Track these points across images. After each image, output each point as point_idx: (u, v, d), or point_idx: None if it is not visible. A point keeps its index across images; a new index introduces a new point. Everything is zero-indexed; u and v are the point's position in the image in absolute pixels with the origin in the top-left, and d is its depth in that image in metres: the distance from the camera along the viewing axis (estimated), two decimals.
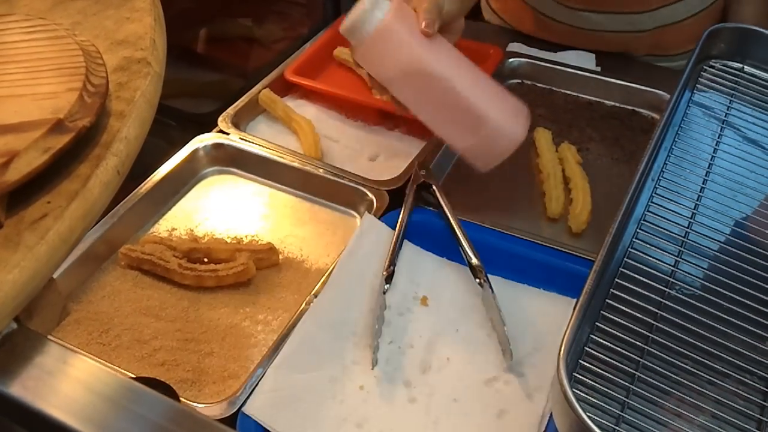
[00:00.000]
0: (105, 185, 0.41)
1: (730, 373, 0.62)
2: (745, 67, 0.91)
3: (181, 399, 0.70)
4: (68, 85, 0.42)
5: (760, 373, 0.63)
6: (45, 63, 0.44)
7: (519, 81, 1.12)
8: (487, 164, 0.82)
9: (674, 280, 0.68)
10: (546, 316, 0.80)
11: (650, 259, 0.69)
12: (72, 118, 0.41)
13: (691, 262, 0.70)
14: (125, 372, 0.73)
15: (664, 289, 0.67)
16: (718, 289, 0.67)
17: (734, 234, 0.73)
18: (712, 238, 0.72)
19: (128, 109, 0.44)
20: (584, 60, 1.13)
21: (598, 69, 1.11)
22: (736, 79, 0.89)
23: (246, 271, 0.82)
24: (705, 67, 0.90)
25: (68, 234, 0.39)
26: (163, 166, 0.94)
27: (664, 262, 0.69)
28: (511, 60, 1.12)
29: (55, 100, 0.42)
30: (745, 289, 0.67)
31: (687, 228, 0.72)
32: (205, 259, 0.84)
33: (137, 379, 0.68)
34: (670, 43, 1.14)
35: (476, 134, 0.77)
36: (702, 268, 0.69)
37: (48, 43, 0.45)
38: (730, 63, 0.91)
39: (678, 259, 0.70)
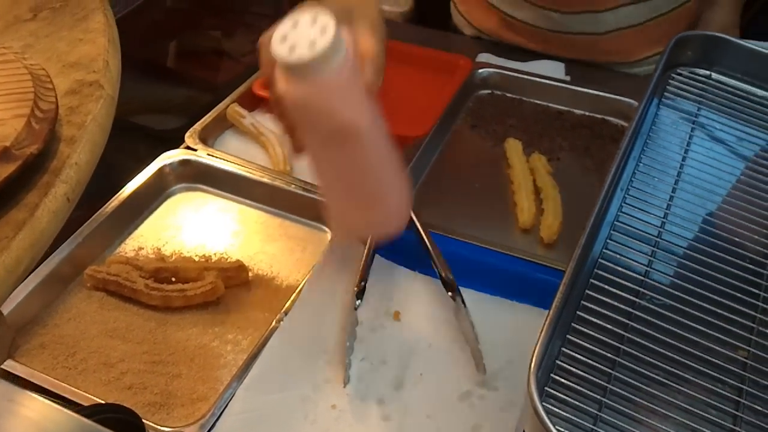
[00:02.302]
0: (54, 214, 0.40)
1: (702, 382, 0.62)
2: (713, 74, 0.91)
3: (150, 423, 0.69)
4: (15, 112, 0.41)
5: (731, 381, 0.62)
6: None
7: (489, 91, 1.12)
8: (349, 236, 0.78)
9: (644, 290, 0.68)
10: (519, 329, 0.79)
11: (620, 269, 0.69)
12: (19, 146, 0.40)
13: (660, 271, 0.70)
14: (92, 396, 0.72)
15: (635, 299, 0.67)
16: (688, 297, 0.67)
17: (705, 236, 0.73)
18: (682, 246, 0.72)
19: (79, 133, 0.42)
20: (554, 70, 1.13)
21: (568, 78, 1.11)
22: (703, 86, 0.89)
23: (214, 290, 0.81)
24: (673, 75, 0.90)
25: (15, 265, 0.38)
26: (129, 184, 0.93)
27: (635, 272, 0.69)
28: (480, 70, 1.12)
29: (1, 128, 0.40)
30: (716, 297, 0.67)
31: (657, 237, 0.72)
32: (173, 279, 0.83)
33: (102, 405, 0.67)
34: (633, 47, 1.14)
35: (366, 213, 0.69)
36: (670, 276, 0.69)
37: None
38: (698, 70, 0.91)
39: (648, 268, 0.70)
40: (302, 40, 0.56)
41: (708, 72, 0.91)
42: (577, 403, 0.59)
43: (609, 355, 0.63)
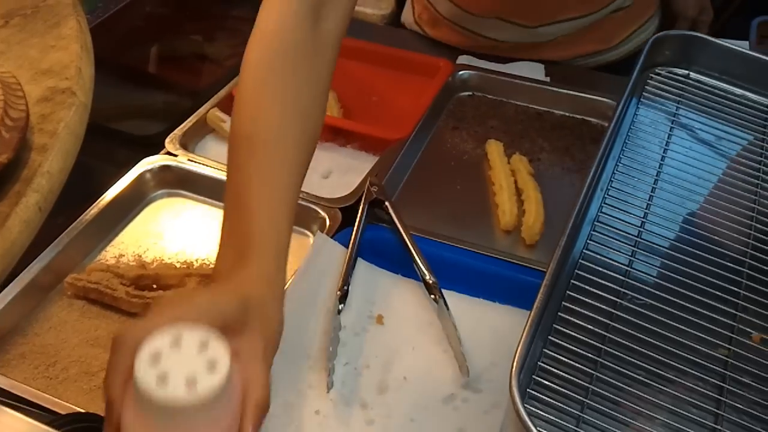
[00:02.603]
0: (26, 223, 0.39)
1: (683, 381, 0.62)
2: (691, 73, 0.92)
3: None
4: None
5: (713, 380, 0.63)
6: None
7: (470, 93, 1.12)
8: None
9: (625, 290, 0.68)
10: (502, 330, 0.79)
11: (601, 269, 0.69)
12: None
13: (641, 270, 0.70)
14: (73, 406, 0.71)
15: (616, 299, 0.67)
16: (669, 297, 0.67)
17: (685, 235, 0.73)
18: (662, 245, 0.72)
19: (51, 141, 0.42)
20: (534, 71, 1.13)
21: (547, 79, 1.12)
22: (682, 85, 0.90)
23: None
24: (651, 75, 0.91)
25: None
26: (109, 190, 0.92)
27: (616, 272, 0.69)
28: (461, 72, 1.12)
29: None
30: (697, 296, 0.67)
31: (637, 237, 0.73)
32: (154, 286, 0.83)
33: (80, 414, 0.66)
34: (611, 33, 1.15)
35: None
36: (651, 275, 0.69)
37: None
38: (676, 70, 0.92)
39: (629, 268, 0.70)
40: (180, 371, 0.41)
41: (686, 71, 0.92)
42: (559, 404, 0.59)
43: (591, 355, 0.63)
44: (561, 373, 0.62)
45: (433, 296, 0.80)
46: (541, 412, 0.58)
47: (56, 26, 0.52)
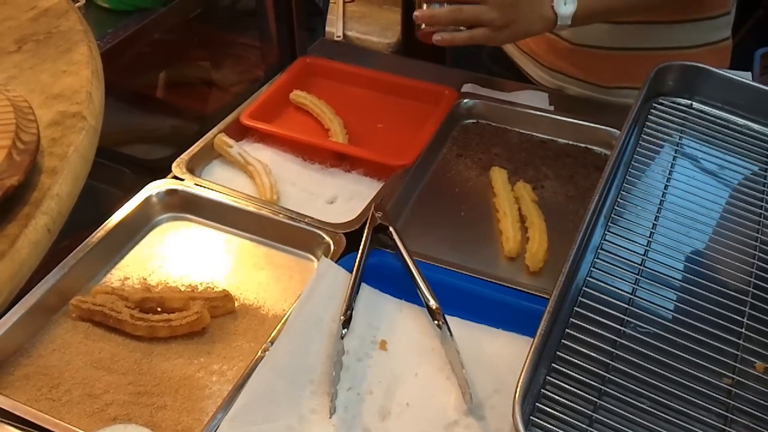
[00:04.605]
0: (34, 245, 0.39)
1: (687, 410, 0.62)
2: (694, 103, 0.93)
3: None
4: None
5: (717, 410, 0.63)
6: None
7: (474, 120, 1.13)
8: None
9: (629, 318, 0.68)
10: (505, 357, 0.79)
11: (605, 297, 0.69)
12: None
13: (645, 299, 0.70)
14: (75, 429, 0.71)
15: (620, 327, 0.67)
16: (673, 325, 0.67)
17: (689, 264, 0.73)
18: (666, 274, 0.72)
19: (60, 165, 0.43)
20: (537, 99, 1.14)
21: (551, 108, 1.12)
22: (684, 115, 0.91)
23: (200, 320, 0.80)
24: (654, 104, 0.92)
25: None
26: (115, 213, 0.93)
27: (619, 300, 0.70)
28: (465, 100, 1.13)
29: None
30: (701, 325, 0.67)
31: (641, 265, 0.73)
32: (159, 309, 0.83)
33: None
34: (601, 71, 1.15)
35: None
36: (655, 304, 0.70)
37: None
38: (679, 100, 0.93)
39: (632, 296, 0.70)
40: None
41: (689, 101, 0.93)
42: None
43: (594, 383, 0.63)
44: (564, 400, 0.62)
45: (436, 322, 0.80)
46: None
47: (68, 52, 0.53)
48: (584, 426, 0.60)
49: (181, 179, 0.98)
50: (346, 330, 0.79)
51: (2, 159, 0.40)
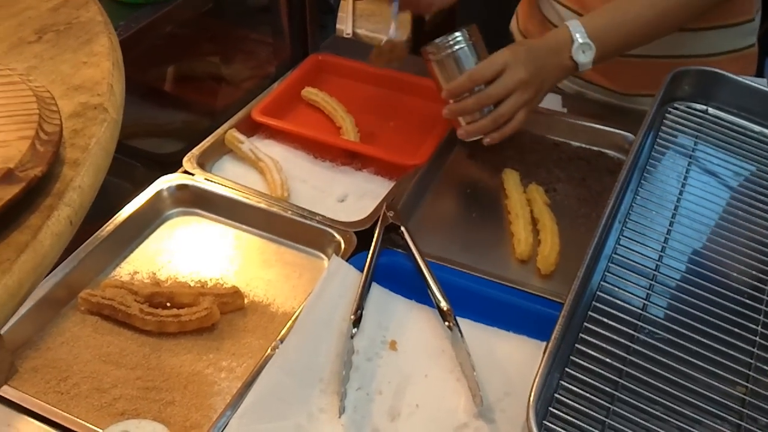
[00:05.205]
0: (57, 236, 0.39)
1: (701, 418, 0.61)
2: (709, 108, 0.92)
3: None
4: (20, 133, 0.41)
5: (730, 418, 0.62)
6: None
7: None
8: None
9: (643, 324, 0.67)
10: (516, 360, 0.79)
11: (618, 302, 0.69)
12: (23, 168, 0.39)
13: (658, 305, 0.70)
14: (83, 422, 0.71)
15: (633, 332, 0.67)
16: (687, 332, 0.67)
17: (703, 270, 0.73)
18: (680, 280, 0.72)
19: (82, 157, 0.42)
20: (550, 101, 1.13)
21: (565, 110, 1.12)
22: (700, 120, 0.90)
23: (210, 316, 0.80)
24: (669, 109, 0.91)
25: (17, 288, 0.37)
26: (126, 207, 0.92)
27: (633, 306, 0.69)
28: None
29: (5, 149, 0.40)
30: (714, 332, 0.67)
31: (654, 270, 0.72)
32: (168, 304, 0.82)
33: None
34: (622, 79, 1.15)
35: None
36: (668, 310, 0.69)
37: (0, 90, 0.44)
38: (694, 105, 0.92)
39: (646, 302, 0.70)
40: None
41: (704, 107, 0.92)
42: None
43: (607, 389, 0.63)
44: (577, 405, 0.61)
45: (447, 323, 0.79)
46: None
47: (88, 43, 0.53)
48: (597, 431, 0.60)
49: (192, 174, 0.98)
50: (356, 329, 0.79)
51: (26, 149, 0.40)
